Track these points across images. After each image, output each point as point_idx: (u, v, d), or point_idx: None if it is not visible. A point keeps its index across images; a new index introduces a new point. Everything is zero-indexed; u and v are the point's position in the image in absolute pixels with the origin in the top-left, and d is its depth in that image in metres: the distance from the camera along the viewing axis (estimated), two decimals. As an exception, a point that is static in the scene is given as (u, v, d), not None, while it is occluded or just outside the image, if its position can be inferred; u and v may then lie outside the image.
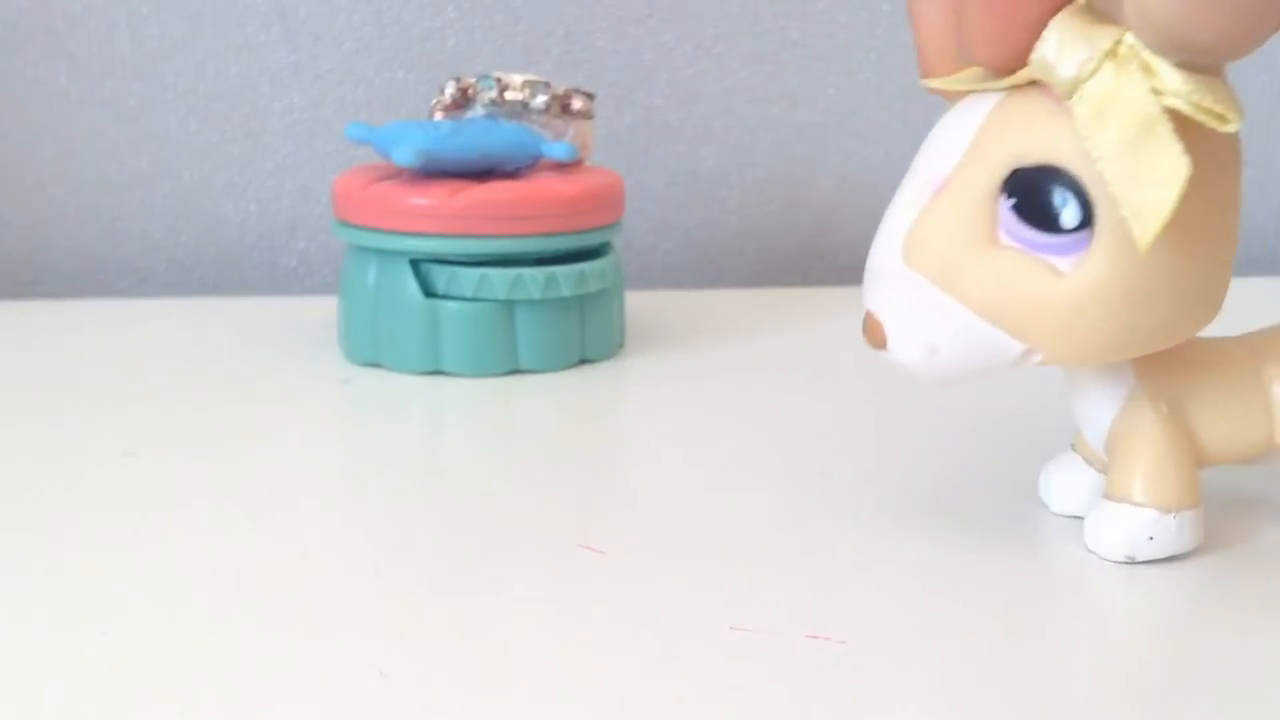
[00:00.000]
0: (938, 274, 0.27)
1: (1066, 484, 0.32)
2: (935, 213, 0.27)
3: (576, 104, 0.46)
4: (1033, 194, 0.26)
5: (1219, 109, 0.25)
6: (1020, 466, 0.34)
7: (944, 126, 0.28)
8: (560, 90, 0.46)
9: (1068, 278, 0.26)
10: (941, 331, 0.27)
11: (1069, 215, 0.26)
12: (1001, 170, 0.26)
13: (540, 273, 0.43)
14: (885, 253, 0.28)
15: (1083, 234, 0.26)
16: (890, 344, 0.28)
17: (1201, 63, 0.24)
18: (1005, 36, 0.26)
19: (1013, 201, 0.26)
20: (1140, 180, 0.24)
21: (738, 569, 0.29)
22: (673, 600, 0.27)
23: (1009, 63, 0.26)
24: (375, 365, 0.44)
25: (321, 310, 0.49)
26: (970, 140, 0.27)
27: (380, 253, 0.43)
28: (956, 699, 0.24)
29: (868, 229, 0.29)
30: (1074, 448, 0.32)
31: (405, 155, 0.42)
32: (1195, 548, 0.29)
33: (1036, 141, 0.26)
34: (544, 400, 0.42)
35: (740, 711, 0.23)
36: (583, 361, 0.45)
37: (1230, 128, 0.25)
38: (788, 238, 0.62)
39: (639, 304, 0.51)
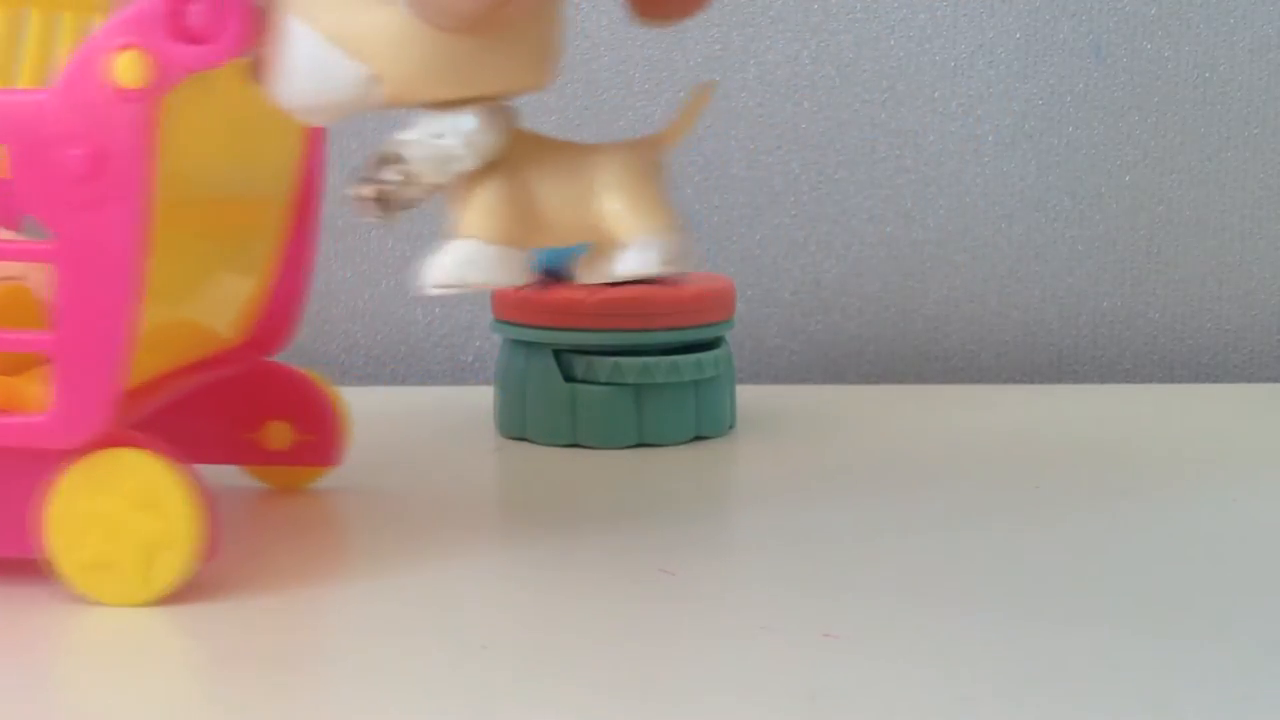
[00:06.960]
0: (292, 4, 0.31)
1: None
2: None
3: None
4: None
5: None
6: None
7: None
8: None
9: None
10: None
11: None
12: None
13: (664, 361, 0.51)
14: None
15: None
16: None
17: None
18: None
19: None
20: None
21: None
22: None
23: None
24: (523, 439, 0.53)
25: (486, 397, 0.58)
26: None
27: (529, 345, 0.52)
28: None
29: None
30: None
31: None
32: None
33: None
34: (667, 469, 0.49)
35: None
36: (698, 438, 0.53)
37: None
38: (901, 341, 0.69)
39: (760, 395, 0.59)
